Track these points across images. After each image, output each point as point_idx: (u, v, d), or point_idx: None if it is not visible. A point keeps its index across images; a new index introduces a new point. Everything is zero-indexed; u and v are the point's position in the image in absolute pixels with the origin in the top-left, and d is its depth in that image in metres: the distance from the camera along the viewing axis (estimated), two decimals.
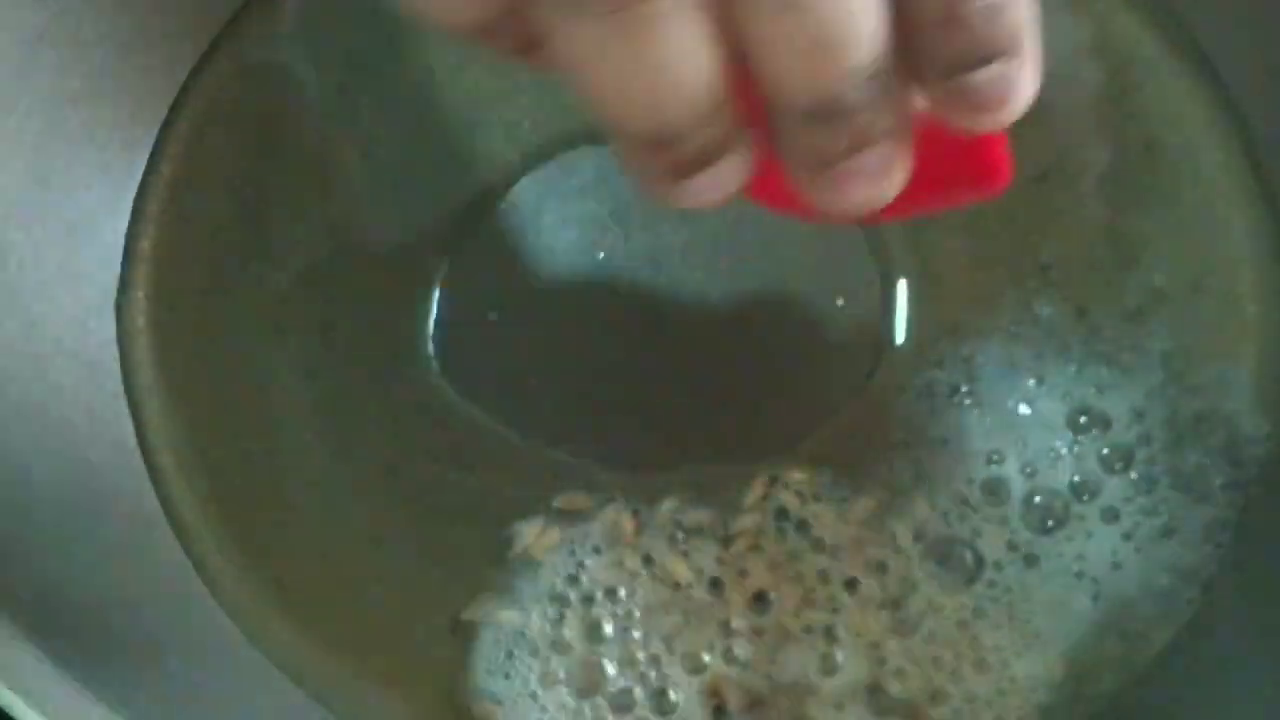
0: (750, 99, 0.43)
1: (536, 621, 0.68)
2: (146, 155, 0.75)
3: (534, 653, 0.67)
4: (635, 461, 0.70)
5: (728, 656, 0.67)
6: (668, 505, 0.69)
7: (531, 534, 0.69)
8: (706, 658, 0.67)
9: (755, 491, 0.69)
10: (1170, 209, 0.72)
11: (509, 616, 0.68)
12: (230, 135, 0.75)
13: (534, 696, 0.67)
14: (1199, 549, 0.68)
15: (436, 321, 0.72)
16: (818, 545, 0.68)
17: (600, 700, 0.67)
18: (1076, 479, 0.68)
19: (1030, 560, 0.68)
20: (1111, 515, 0.68)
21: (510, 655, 0.68)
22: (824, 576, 0.68)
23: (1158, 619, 0.67)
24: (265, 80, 0.75)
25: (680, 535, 0.68)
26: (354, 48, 0.75)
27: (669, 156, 0.44)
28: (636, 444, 0.71)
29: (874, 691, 0.67)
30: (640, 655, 0.67)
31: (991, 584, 0.68)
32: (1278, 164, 0.71)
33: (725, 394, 0.71)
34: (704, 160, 0.44)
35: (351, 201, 0.74)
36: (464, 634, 0.68)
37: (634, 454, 0.70)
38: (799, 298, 0.72)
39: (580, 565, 0.68)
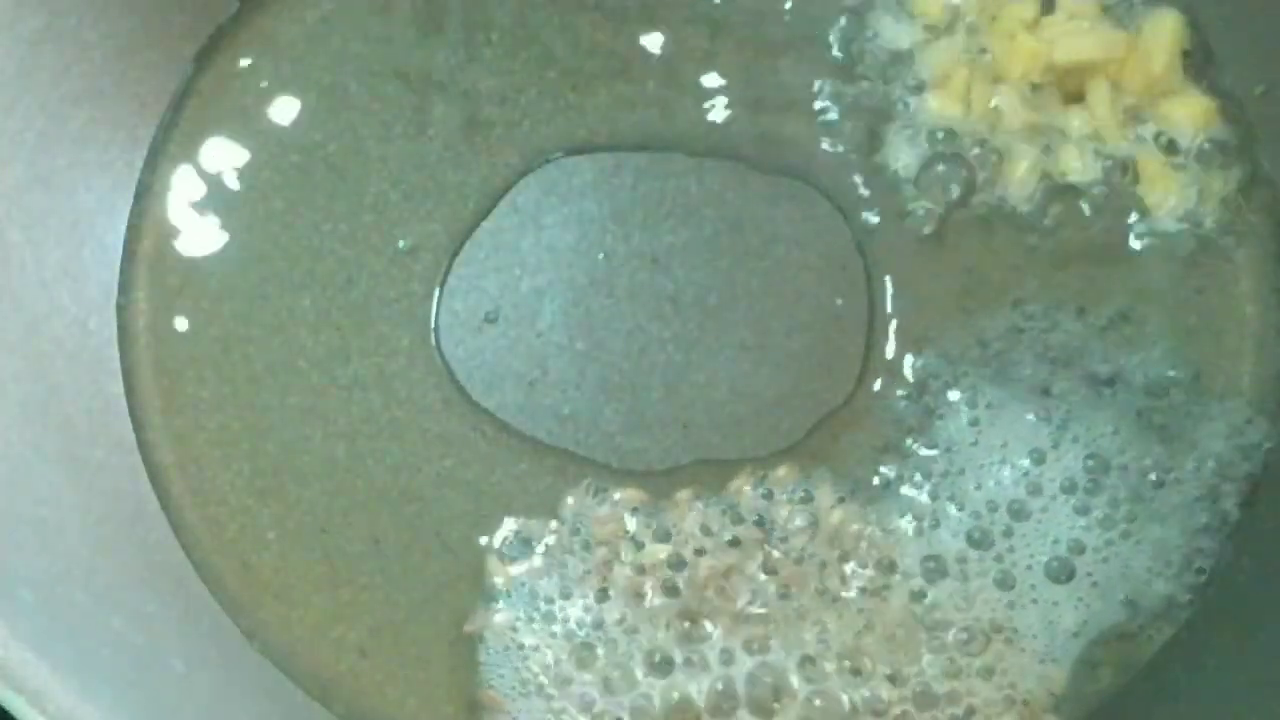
0: None
1: (536, 619, 0.68)
2: (146, 155, 0.75)
3: (536, 650, 0.68)
4: (634, 460, 0.71)
5: (721, 651, 0.67)
6: (665, 503, 0.69)
7: (531, 532, 0.69)
8: (704, 650, 0.67)
9: (752, 490, 0.69)
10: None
11: (508, 615, 0.68)
12: (230, 135, 0.75)
13: (538, 693, 0.67)
14: (1198, 550, 0.68)
15: (437, 321, 0.73)
16: (812, 544, 0.68)
17: (602, 689, 0.67)
18: (1072, 480, 0.68)
19: (1024, 561, 0.68)
20: (1109, 517, 0.68)
21: (512, 652, 0.68)
22: (820, 577, 0.68)
23: (1156, 619, 0.67)
24: (265, 81, 0.75)
25: (677, 532, 0.69)
26: (352, 49, 0.75)
27: None
28: (635, 443, 0.71)
29: (859, 687, 0.67)
30: (639, 646, 0.68)
31: (986, 584, 0.68)
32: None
33: (722, 395, 0.71)
34: None
35: (353, 202, 0.74)
36: (465, 634, 0.69)
37: (633, 453, 0.71)
38: (796, 302, 0.72)
39: (578, 561, 0.69)
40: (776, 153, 0.73)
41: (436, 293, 0.73)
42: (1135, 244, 0.71)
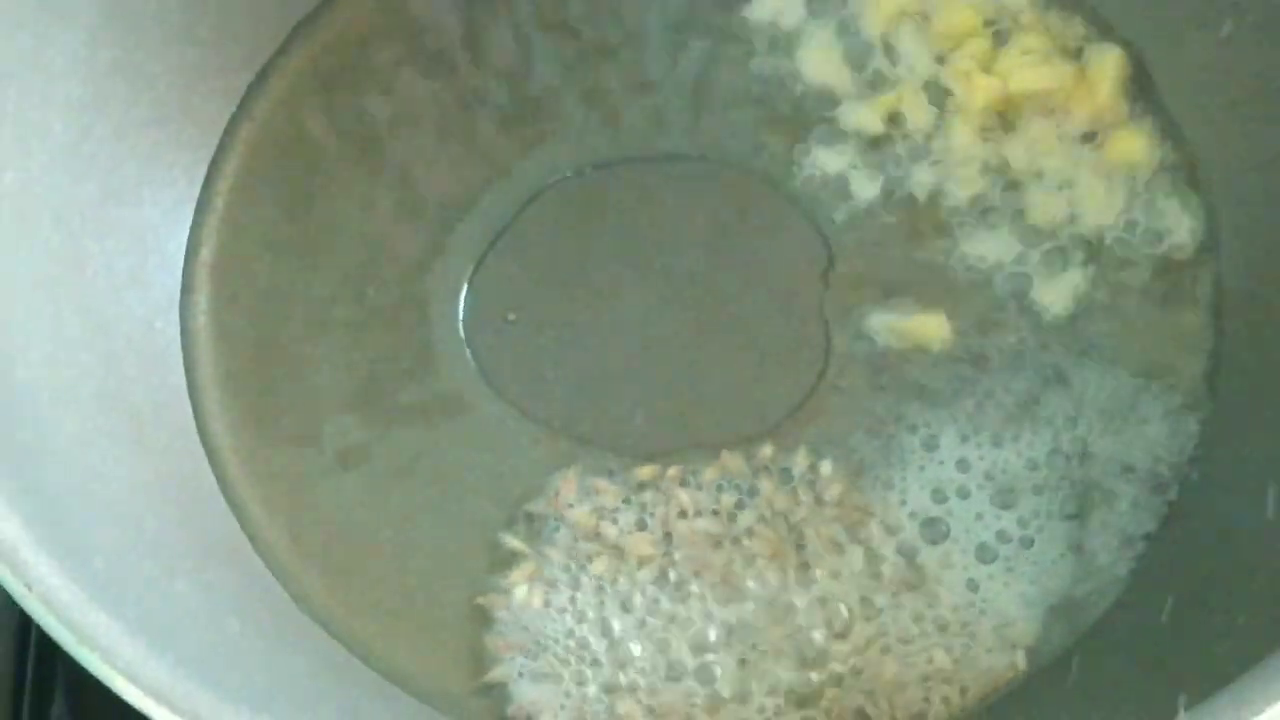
0: None
1: (546, 591, 0.71)
2: (205, 173, 0.78)
3: (544, 619, 0.71)
4: (639, 445, 0.74)
5: (718, 621, 0.70)
6: (665, 483, 0.73)
7: (543, 510, 0.72)
8: (704, 621, 0.71)
9: (746, 467, 0.73)
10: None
11: (521, 588, 0.71)
12: (279, 155, 0.79)
13: (549, 654, 0.70)
14: (1140, 528, 0.71)
15: (463, 321, 0.76)
16: (792, 517, 0.72)
17: (604, 656, 0.70)
18: (1030, 462, 0.72)
19: (985, 532, 0.71)
20: (1063, 495, 0.72)
21: (521, 621, 0.71)
22: (799, 548, 0.71)
23: (1104, 586, 0.71)
24: (311, 105, 0.79)
25: (676, 509, 0.72)
26: (390, 79, 0.79)
27: None
28: (639, 430, 0.74)
29: (823, 665, 0.70)
30: (642, 621, 0.71)
31: (951, 555, 0.71)
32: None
33: (715, 385, 0.75)
34: None
35: (388, 214, 0.78)
36: (480, 605, 0.72)
37: (637, 439, 0.74)
38: (779, 301, 0.76)
39: (583, 535, 0.72)
40: (778, 166, 0.78)
41: (464, 293, 0.76)
42: (1088, 261, 0.75)
